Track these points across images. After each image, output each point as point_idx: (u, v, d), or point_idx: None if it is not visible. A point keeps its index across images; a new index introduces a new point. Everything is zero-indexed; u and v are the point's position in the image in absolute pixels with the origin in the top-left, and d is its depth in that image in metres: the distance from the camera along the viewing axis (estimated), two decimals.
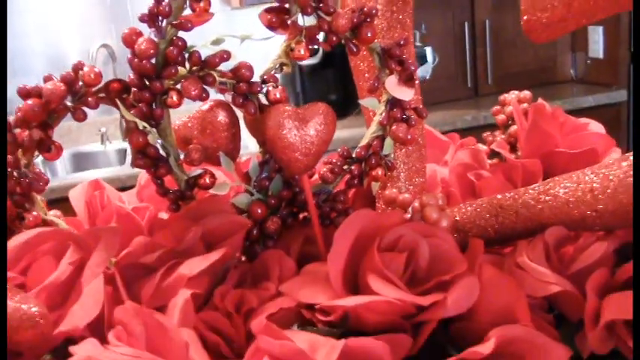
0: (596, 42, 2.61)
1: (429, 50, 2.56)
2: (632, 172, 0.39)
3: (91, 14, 2.89)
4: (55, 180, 2.35)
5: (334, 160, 0.46)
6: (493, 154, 0.59)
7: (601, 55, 2.60)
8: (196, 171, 0.43)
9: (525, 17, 0.43)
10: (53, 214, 0.45)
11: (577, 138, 0.54)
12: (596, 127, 0.56)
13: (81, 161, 2.59)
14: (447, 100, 2.62)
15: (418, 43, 2.57)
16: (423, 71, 2.59)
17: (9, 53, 2.83)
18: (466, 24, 2.64)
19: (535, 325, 0.39)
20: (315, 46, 0.43)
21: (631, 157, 0.40)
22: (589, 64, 2.70)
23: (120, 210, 0.47)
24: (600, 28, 2.57)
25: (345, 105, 2.47)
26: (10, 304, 0.33)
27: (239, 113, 0.44)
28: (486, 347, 0.34)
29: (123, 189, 0.54)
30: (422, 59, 2.57)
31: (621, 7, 0.40)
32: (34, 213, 0.42)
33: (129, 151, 2.53)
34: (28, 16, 2.84)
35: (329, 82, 2.51)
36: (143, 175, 0.54)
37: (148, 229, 0.47)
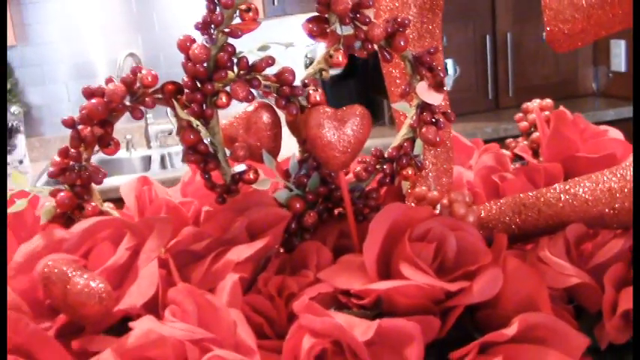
0: (618, 55, 2.61)
1: (450, 62, 2.59)
2: None
3: (118, 23, 2.96)
4: None
5: (368, 160, 0.49)
6: (516, 158, 0.62)
7: (623, 69, 2.61)
8: (241, 167, 0.46)
9: (548, 28, 0.46)
10: (107, 206, 0.49)
11: (597, 143, 0.57)
12: (615, 133, 0.59)
13: (107, 168, 2.65)
14: (468, 112, 2.63)
15: None
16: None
17: (37, 61, 2.91)
18: (487, 36, 2.67)
19: (555, 314, 0.42)
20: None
21: None
22: (611, 78, 2.70)
23: (169, 203, 0.51)
24: (623, 42, 2.58)
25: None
26: (80, 281, 0.37)
27: (281, 114, 0.48)
28: (510, 330, 0.37)
29: None
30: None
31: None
32: (93, 204, 0.46)
33: (153, 158, 2.58)
34: (55, 25, 2.92)
35: (351, 92, 2.55)
36: (186, 173, 0.58)
37: (193, 220, 0.51)
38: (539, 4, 0.49)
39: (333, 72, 2.73)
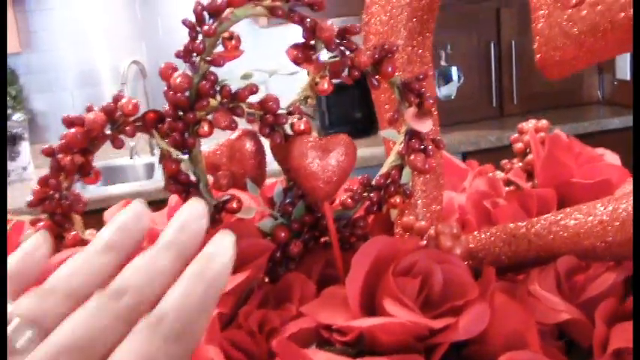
0: (624, 63, 2.60)
1: (454, 70, 2.58)
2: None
3: (122, 31, 2.97)
4: (86, 193, 2.41)
5: (354, 188, 0.48)
6: (510, 181, 0.61)
7: (628, 77, 2.59)
8: (224, 196, 0.46)
9: (539, 55, 0.45)
10: (89, 234, 0.48)
11: (592, 168, 0.55)
12: (611, 158, 0.58)
13: (110, 175, 2.66)
14: (472, 120, 2.63)
15: (444, 63, 2.59)
16: (449, 90, 2.61)
17: (43, 68, 2.92)
18: (492, 44, 2.66)
19: (545, 351, 0.40)
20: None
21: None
22: (616, 86, 2.69)
23: (152, 230, 0.50)
24: None
25: (370, 123, 2.50)
26: None
27: (265, 142, 0.47)
28: None
29: (150, 202, 0.56)
30: (447, 78, 2.59)
31: (629, 48, 0.42)
32: (73, 232, 0.45)
33: (156, 166, 2.58)
34: (60, 32, 2.93)
35: (354, 100, 2.54)
36: (174, 197, 0.57)
37: None
38: None
39: (336, 80, 2.73)
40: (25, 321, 0.22)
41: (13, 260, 0.26)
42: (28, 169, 2.68)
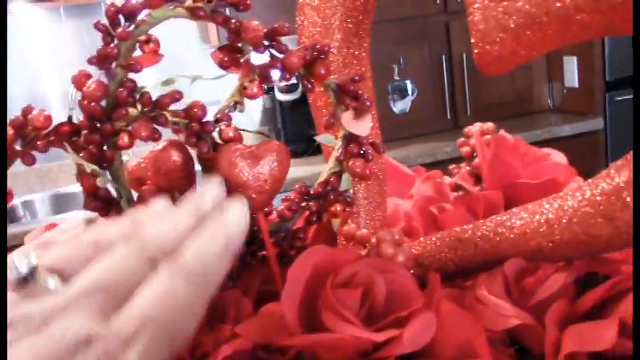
0: (571, 72, 2.66)
1: (408, 84, 2.59)
2: (586, 202, 0.39)
3: (70, 56, 2.90)
4: (34, 222, 2.32)
5: (292, 197, 0.45)
6: (458, 186, 0.59)
7: (576, 85, 2.65)
8: None
9: (476, 50, 0.44)
10: None
11: (538, 168, 0.54)
12: (557, 157, 0.57)
13: (61, 203, 2.57)
14: (428, 133, 2.64)
15: (397, 77, 2.60)
16: (404, 104, 2.62)
17: None
18: (443, 57, 2.69)
19: (495, 359, 0.38)
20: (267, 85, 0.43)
21: (584, 187, 0.40)
22: (565, 94, 2.74)
23: None
24: (574, 59, 2.62)
25: None
26: None
27: (194, 152, 0.44)
28: None
29: None
30: (402, 93, 2.60)
31: (568, 39, 0.41)
32: None
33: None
34: (8, 58, 2.85)
35: (309, 117, 2.51)
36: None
37: None
38: None
39: (291, 97, 2.71)
40: (49, 270, 0.23)
41: None
42: None
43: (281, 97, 2.49)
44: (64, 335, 0.21)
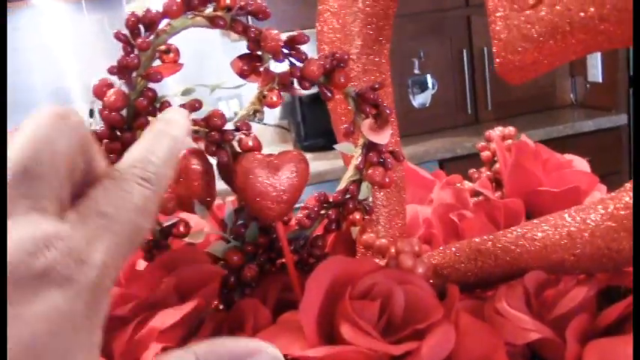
0: (595, 66, 2.61)
1: (428, 78, 2.57)
2: (608, 216, 0.38)
3: (92, 49, 2.92)
4: None
5: (311, 206, 0.45)
6: (478, 191, 0.58)
7: (600, 80, 2.61)
8: (171, 220, 0.43)
9: (498, 60, 0.43)
10: None
11: (560, 176, 0.53)
12: (580, 164, 0.56)
13: None
14: (447, 127, 2.62)
15: (417, 71, 2.59)
16: (424, 98, 2.60)
17: (10, 88, 2.87)
18: (464, 51, 2.66)
19: None
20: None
21: (607, 201, 0.39)
22: (588, 89, 2.70)
23: None
24: (598, 53, 2.58)
25: None
26: None
27: (214, 160, 0.44)
28: None
29: None
30: (422, 86, 2.58)
31: (592, 49, 0.40)
32: None
33: None
34: (30, 52, 2.88)
35: (327, 112, 2.52)
36: None
37: (124, 279, 0.47)
38: None
39: (311, 91, 2.71)
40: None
41: None
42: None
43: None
44: (21, 238, 0.20)
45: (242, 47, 0.44)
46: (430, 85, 2.58)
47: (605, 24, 0.39)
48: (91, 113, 2.75)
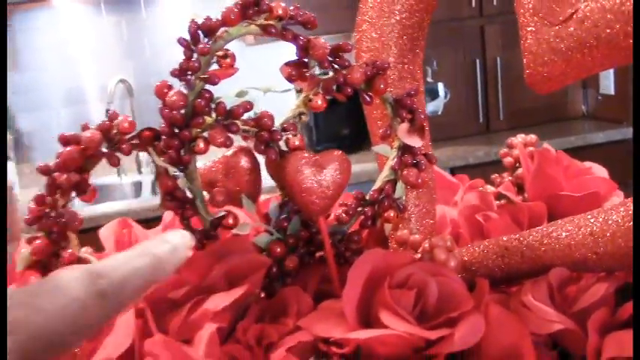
0: (607, 78, 2.64)
1: (440, 86, 2.61)
2: (629, 218, 0.41)
3: (109, 50, 2.97)
4: None
5: (349, 203, 0.49)
6: (501, 195, 0.62)
7: (612, 92, 2.63)
8: (220, 212, 0.46)
9: (528, 71, 0.46)
10: (85, 251, 0.48)
11: (581, 182, 0.56)
12: (599, 170, 0.59)
13: (98, 193, 2.65)
14: (459, 136, 2.65)
15: (430, 79, 2.62)
16: (435, 106, 2.63)
17: (29, 88, 2.92)
18: (477, 61, 2.69)
19: None
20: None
21: (629, 203, 0.42)
22: (600, 101, 2.72)
23: None
24: None
25: (358, 139, 2.51)
26: None
27: (260, 158, 0.47)
28: None
29: (138, 221, 0.57)
30: (434, 95, 2.61)
31: (616, 63, 0.43)
32: (69, 250, 0.45)
33: (144, 184, 2.57)
34: (47, 51, 2.93)
35: (342, 117, 2.55)
36: (168, 213, 0.57)
37: None
38: None
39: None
40: None
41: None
42: (13, 189, 2.66)
43: None
44: None
45: (257, 52, 0.47)
46: (442, 93, 2.61)
47: (628, 40, 0.42)
48: (107, 113, 2.79)
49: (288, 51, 0.47)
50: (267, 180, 0.49)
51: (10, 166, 2.65)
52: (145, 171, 2.78)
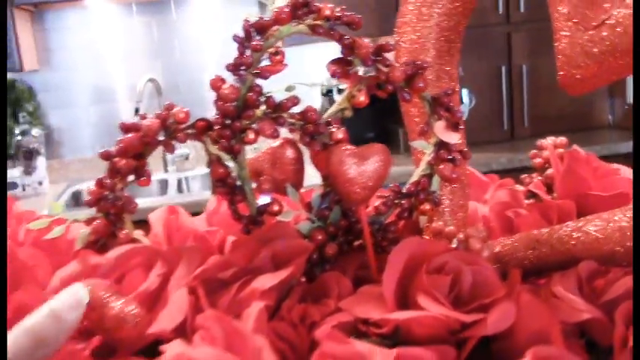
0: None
1: (465, 92, 2.62)
2: None
3: (139, 49, 3.03)
4: None
5: (387, 195, 0.51)
6: (530, 194, 0.64)
7: None
8: (266, 199, 0.49)
9: (562, 73, 0.49)
10: (138, 234, 0.51)
11: (609, 182, 0.58)
12: (626, 172, 0.61)
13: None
14: (483, 142, 2.66)
15: None
16: None
17: (59, 85, 2.98)
18: (503, 67, 2.70)
19: (567, 348, 0.43)
20: None
21: None
22: (627, 110, 2.71)
23: (195, 232, 0.53)
24: None
25: (382, 143, 2.54)
26: (116, 305, 0.39)
27: (304, 150, 0.50)
28: None
29: None
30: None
31: None
32: (125, 231, 0.49)
33: (170, 182, 2.60)
34: (78, 50, 2.99)
35: (367, 120, 2.58)
36: (211, 203, 0.60)
37: (218, 249, 0.53)
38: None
39: None
40: None
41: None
42: (43, 183, 2.72)
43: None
44: None
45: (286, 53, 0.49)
46: (466, 99, 2.63)
47: None
48: (136, 112, 2.85)
49: (309, 54, 0.49)
50: (310, 177, 0.52)
51: (41, 161, 2.72)
52: (170, 169, 2.83)
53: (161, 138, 0.47)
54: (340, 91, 2.48)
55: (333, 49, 0.49)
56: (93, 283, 0.41)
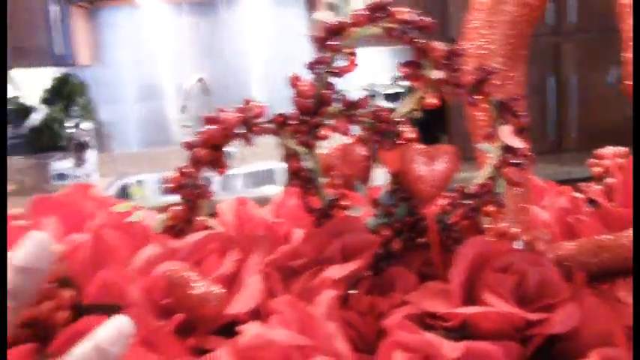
0: None
1: None
2: None
3: (188, 49, 3.10)
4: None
5: (453, 195, 0.53)
6: (590, 201, 0.64)
7: None
8: (336, 195, 0.51)
9: (626, 82, 0.50)
10: (211, 222, 0.54)
11: None
12: None
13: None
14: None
15: None
16: None
17: (110, 81, 3.06)
18: (550, 77, 2.67)
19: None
20: None
21: None
22: None
23: (265, 222, 0.56)
24: None
25: None
26: (200, 285, 0.42)
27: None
28: None
29: None
30: None
31: None
32: (200, 218, 0.51)
33: (214, 180, 2.64)
34: (128, 48, 3.07)
35: None
36: (277, 196, 0.62)
37: (284, 239, 0.55)
38: (607, 50, 0.52)
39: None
40: None
41: None
42: (92, 176, 2.80)
43: None
44: None
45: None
46: None
47: None
48: (183, 109, 2.92)
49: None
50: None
51: (91, 154, 2.80)
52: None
53: (241, 131, 0.49)
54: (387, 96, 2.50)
55: (374, 54, 0.51)
56: (177, 264, 0.44)
